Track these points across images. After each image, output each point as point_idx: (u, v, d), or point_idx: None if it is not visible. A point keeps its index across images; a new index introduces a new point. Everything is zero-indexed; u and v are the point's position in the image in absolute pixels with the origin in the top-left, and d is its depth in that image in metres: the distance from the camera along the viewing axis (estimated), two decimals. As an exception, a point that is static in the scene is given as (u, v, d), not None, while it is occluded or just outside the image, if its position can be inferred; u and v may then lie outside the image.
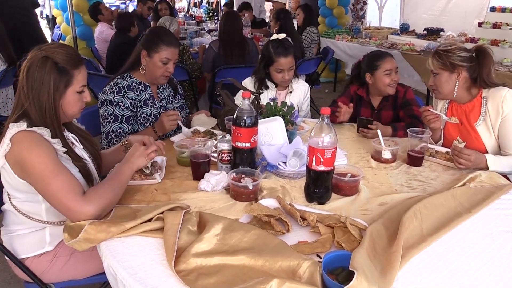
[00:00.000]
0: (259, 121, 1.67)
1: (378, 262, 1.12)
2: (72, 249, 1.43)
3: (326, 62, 5.27)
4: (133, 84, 2.17)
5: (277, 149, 1.79)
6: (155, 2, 6.09)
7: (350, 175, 1.57)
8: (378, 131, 1.96)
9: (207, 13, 9.38)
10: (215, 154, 1.73)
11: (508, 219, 1.42)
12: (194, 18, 8.73)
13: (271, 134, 1.85)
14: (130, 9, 10.94)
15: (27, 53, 1.44)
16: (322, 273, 1.05)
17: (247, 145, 1.59)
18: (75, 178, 1.39)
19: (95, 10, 5.33)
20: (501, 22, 4.83)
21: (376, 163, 1.88)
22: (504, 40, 4.62)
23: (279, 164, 1.69)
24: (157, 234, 1.25)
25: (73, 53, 1.47)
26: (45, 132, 1.39)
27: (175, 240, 1.17)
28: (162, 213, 1.30)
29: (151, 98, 2.22)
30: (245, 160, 1.62)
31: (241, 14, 6.03)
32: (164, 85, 2.32)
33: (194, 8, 11.69)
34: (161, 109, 2.24)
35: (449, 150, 1.92)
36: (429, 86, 2.07)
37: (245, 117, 1.55)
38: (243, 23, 5.37)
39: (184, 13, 11.05)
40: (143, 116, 2.18)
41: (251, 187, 1.47)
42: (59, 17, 6.17)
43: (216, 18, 9.02)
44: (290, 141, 1.86)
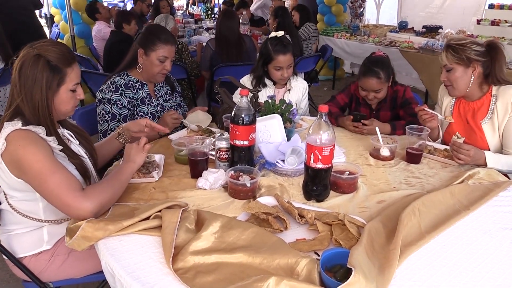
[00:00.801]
0: (257, 119, 1.67)
1: (376, 260, 1.12)
2: (70, 248, 1.42)
3: (325, 60, 5.27)
4: (130, 82, 2.16)
5: (275, 147, 1.78)
6: (154, -1, 6.07)
7: (348, 172, 1.57)
8: (377, 129, 1.96)
9: (205, 11, 9.37)
10: (213, 152, 1.72)
11: (506, 216, 1.42)
12: (193, 16, 8.72)
13: (269, 132, 1.84)
14: (129, 7, 10.90)
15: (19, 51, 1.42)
16: (320, 271, 1.05)
17: (245, 143, 1.59)
18: (73, 175, 1.38)
19: (93, 9, 5.30)
20: (499, 19, 4.83)
21: (374, 161, 1.88)
22: (503, 38, 4.62)
23: (277, 162, 1.69)
24: (155, 232, 1.25)
25: (66, 51, 1.46)
26: (40, 130, 1.39)
27: (173, 238, 1.16)
28: (160, 211, 1.30)
29: (148, 96, 2.22)
30: (243, 158, 1.62)
31: (238, 12, 6.02)
32: (162, 83, 2.32)
33: (192, 6, 11.68)
34: (159, 107, 2.24)
35: (447, 147, 1.91)
36: (442, 82, 1.99)
37: (243, 115, 1.55)
38: (242, 21, 5.36)
39: (182, 11, 11.04)
40: (140, 114, 2.17)
41: (249, 185, 1.46)
42: (57, 16, 6.16)
43: (214, 16, 9.01)
44: (289, 138, 1.86)
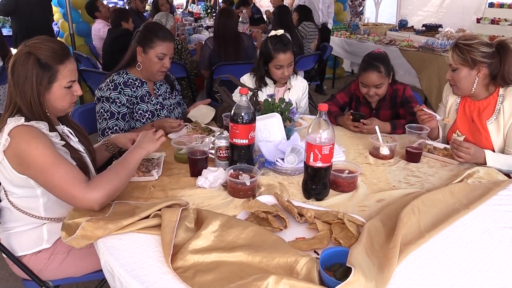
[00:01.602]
0: (257, 117, 1.67)
1: (375, 258, 1.12)
2: (69, 247, 1.42)
3: (325, 59, 5.26)
4: (130, 80, 2.16)
5: (275, 145, 1.78)
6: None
7: (348, 171, 1.57)
8: (376, 127, 1.96)
9: (205, 10, 9.36)
10: (212, 151, 1.72)
11: (506, 215, 1.42)
12: (192, 15, 8.70)
13: (269, 131, 1.84)
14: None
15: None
16: (319, 270, 1.05)
17: (245, 141, 1.59)
18: (77, 168, 1.39)
19: (92, 7, 5.28)
20: (499, 18, 4.83)
21: (374, 160, 1.88)
22: (503, 36, 4.61)
23: (277, 161, 1.69)
24: (155, 231, 1.25)
25: (58, 48, 1.45)
26: (43, 126, 1.40)
27: (173, 237, 1.16)
28: (160, 210, 1.30)
29: (148, 94, 2.21)
30: (242, 156, 1.62)
31: (238, 10, 6.01)
32: (161, 82, 2.31)
33: (192, 4, 11.66)
34: (158, 106, 2.24)
35: (447, 146, 1.91)
36: (447, 80, 2.00)
37: (242, 114, 1.55)
38: (241, 19, 5.35)
39: (182, 9, 11.02)
40: (139, 112, 2.17)
41: (248, 184, 1.46)
42: (57, 14, 6.13)
43: (213, 14, 8.99)
44: (288, 137, 1.86)
